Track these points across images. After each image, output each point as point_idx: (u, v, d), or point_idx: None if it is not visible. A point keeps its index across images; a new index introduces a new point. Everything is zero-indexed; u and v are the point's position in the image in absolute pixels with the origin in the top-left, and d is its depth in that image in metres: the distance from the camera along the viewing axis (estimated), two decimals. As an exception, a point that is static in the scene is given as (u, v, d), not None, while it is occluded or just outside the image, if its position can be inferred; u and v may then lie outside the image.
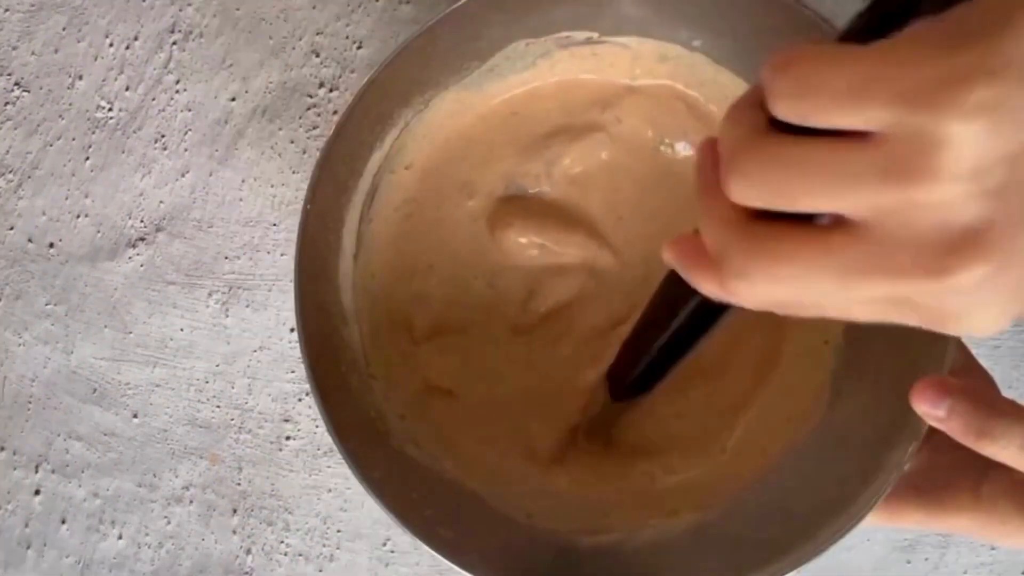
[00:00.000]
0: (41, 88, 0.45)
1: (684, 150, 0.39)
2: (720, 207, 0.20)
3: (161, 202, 0.45)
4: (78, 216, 0.45)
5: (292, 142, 0.44)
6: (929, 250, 0.17)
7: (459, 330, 0.39)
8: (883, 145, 0.17)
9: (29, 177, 0.46)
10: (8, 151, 0.46)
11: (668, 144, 0.39)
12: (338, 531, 0.44)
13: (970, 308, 0.18)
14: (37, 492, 0.46)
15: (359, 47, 0.44)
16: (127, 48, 0.45)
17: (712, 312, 0.25)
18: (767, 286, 0.19)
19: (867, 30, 0.18)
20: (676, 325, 0.27)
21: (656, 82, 0.39)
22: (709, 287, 0.21)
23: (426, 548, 0.32)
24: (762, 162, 0.18)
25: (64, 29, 0.45)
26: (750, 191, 0.19)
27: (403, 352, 0.39)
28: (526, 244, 0.39)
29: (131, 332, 0.45)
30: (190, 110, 0.45)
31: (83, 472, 0.45)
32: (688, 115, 0.39)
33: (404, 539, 0.43)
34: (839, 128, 0.17)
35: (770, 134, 0.18)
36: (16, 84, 0.46)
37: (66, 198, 0.45)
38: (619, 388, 0.35)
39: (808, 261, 0.18)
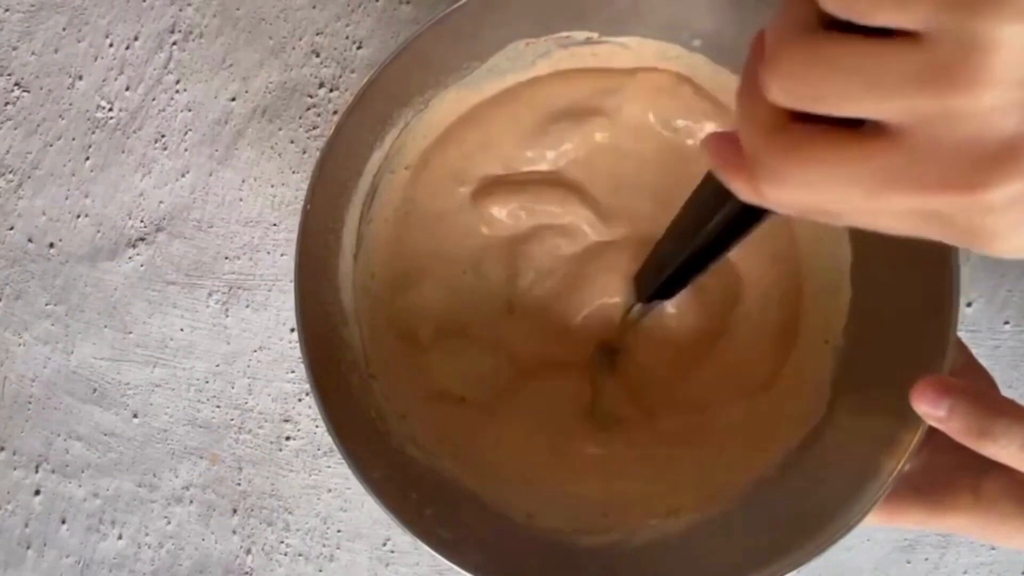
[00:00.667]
0: (41, 88, 0.45)
1: (689, 129, 0.39)
2: (758, 107, 0.19)
3: (161, 202, 0.45)
4: (78, 216, 0.45)
5: (292, 142, 0.44)
6: (964, 162, 0.16)
7: (460, 332, 0.39)
8: (927, 47, 0.16)
9: (29, 177, 0.46)
10: (8, 151, 0.46)
11: (673, 127, 0.39)
12: (338, 531, 0.44)
13: (1003, 227, 0.17)
14: (37, 492, 0.46)
15: (359, 47, 0.44)
16: (127, 48, 0.45)
17: (744, 220, 0.25)
18: (796, 190, 0.19)
19: None
20: (708, 231, 0.26)
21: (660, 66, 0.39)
22: (741, 187, 0.21)
23: (426, 548, 0.32)
24: (803, 60, 0.18)
25: (64, 29, 0.45)
26: (788, 91, 0.18)
27: (411, 363, 0.39)
28: (508, 210, 0.39)
29: (131, 332, 0.45)
30: (190, 110, 0.45)
31: (83, 472, 0.45)
32: (695, 96, 0.38)
33: (404, 539, 0.43)
34: (886, 26, 0.16)
35: (816, 31, 0.18)
36: (16, 84, 0.46)
37: (66, 198, 0.45)
38: (644, 292, 0.35)
39: (839, 167, 0.18)
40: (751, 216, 0.24)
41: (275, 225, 0.44)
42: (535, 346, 0.39)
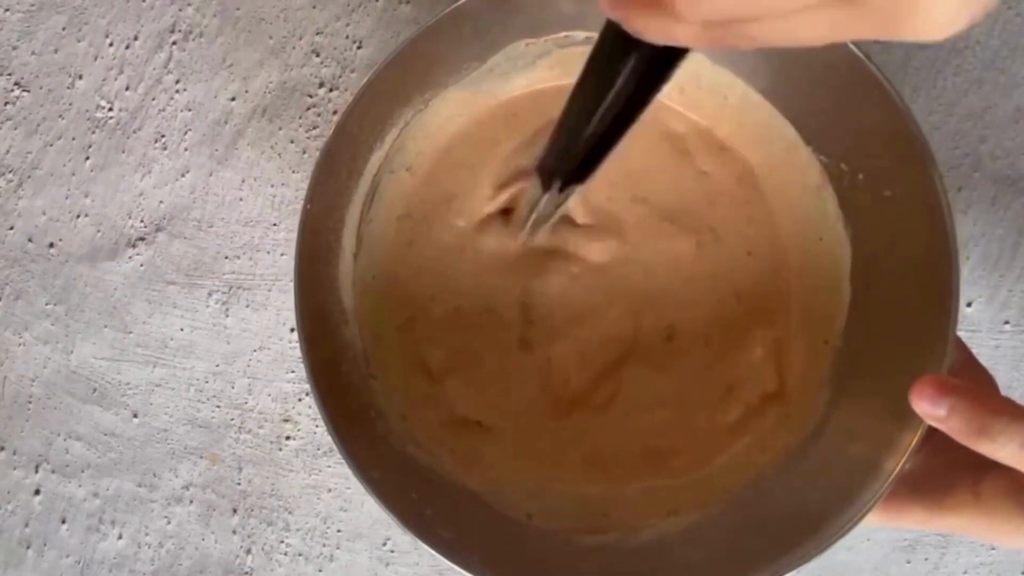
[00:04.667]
0: (41, 88, 0.45)
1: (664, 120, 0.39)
2: None
3: (161, 202, 0.45)
4: (78, 216, 0.45)
5: (292, 142, 0.44)
6: None
7: (474, 362, 0.39)
8: None
9: (29, 177, 0.46)
10: (8, 151, 0.46)
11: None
12: (338, 531, 0.44)
13: None
14: (37, 492, 0.46)
15: (359, 47, 0.44)
16: (127, 48, 0.45)
17: (653, 72, 0.23)
18: None
19: None
20: (615, 93, 0.25)
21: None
22: (646, 22, 0.19)
23: (426, 548, 0.32)
24: None
25: (64, 29, 0.45)
26: None
27: (424, 391, 0.39)
28: (500, 241, 0.39)
29: (131, 332, 0.45)
30: (190, 110, 0.45)
31: (83, 472, 0.45)
32: (673, 151, 0.39)
33: (404, 539, 0.43)
34: None
35: None
36: (16, 84, 0.46)
37: (66, 198, 0.45)
38: (552, 178, 0.32)
39: None
40: (660, 66, 0.23)
41: (275, 225, 0.44)
42: (549, 381, 0.39)
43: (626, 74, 0.23)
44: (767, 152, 0.38)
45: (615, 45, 0.23)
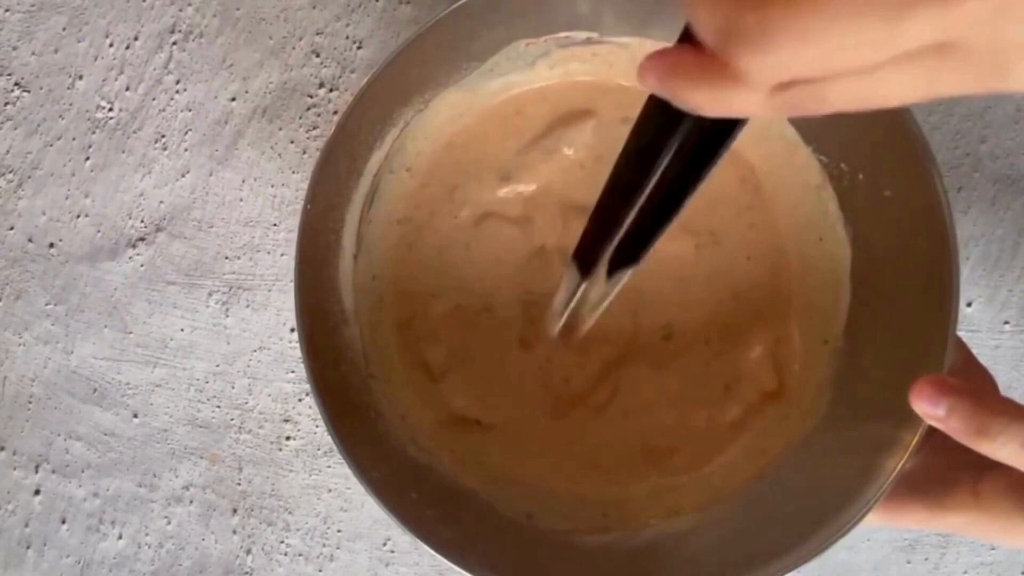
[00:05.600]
0: (41, 88, 0.45)
1: None
2: None
3: (161, 202, 0.45)
4: (78, 216, 0.45)
5: (292, 142, 0.44)
6: None
7: (474, 361, 0.39)
8: None
9: (29, 177, 0.46)
10: (8, 151, 0.46)
11: None
12: (338, 531, 0.44)
13: None
14: (37, 492, 0.46)
15: (359, 47, 0.44)
16: (127, 48, 0.45)
17: (708, 144, 0.21)
18: (793, 48, 0.15)
19: None
20: (663, 170, 0.22)
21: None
22: (704, 93, 0.17)
23: (426, 548, 0.32)
24: None
25: (64, 29, 0.45)
26: None
27: (424, 391, 0.39)
28: (506, 237, 0.39)
29: (131, 332, 0.45)
30: (190, 110, 0.45)
31: (83, 472, 0.45)
32: None
33: (404, 539, 0.43)
34: None
35: None
36: (16, 84, 0.46)
37: (66, 198, 0.45)
38: (591, 264, 0.29)
39: None
40: (715, 138, 0.21)
41: (275, 225, 0.44)
42: (549, 380, 0.39)
43: (674, 151, 0.21)
44: (767, 152, 0.38)
45: (661, 121, 0.20)
